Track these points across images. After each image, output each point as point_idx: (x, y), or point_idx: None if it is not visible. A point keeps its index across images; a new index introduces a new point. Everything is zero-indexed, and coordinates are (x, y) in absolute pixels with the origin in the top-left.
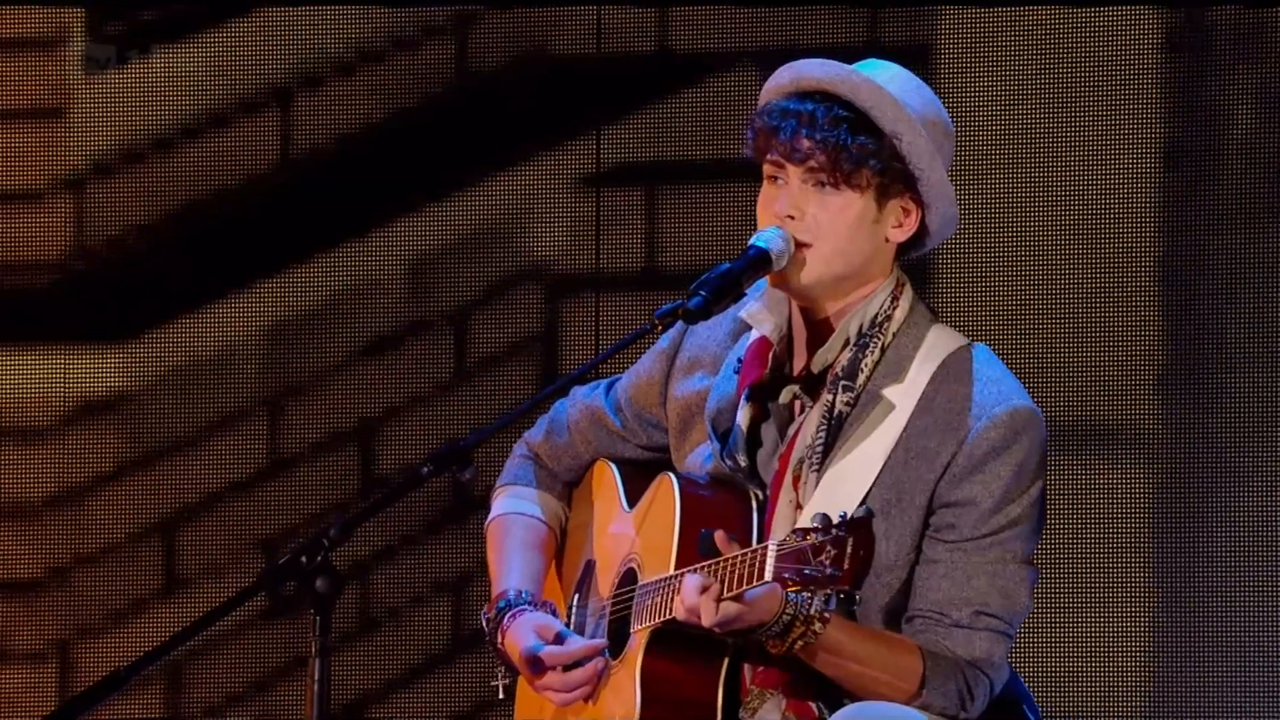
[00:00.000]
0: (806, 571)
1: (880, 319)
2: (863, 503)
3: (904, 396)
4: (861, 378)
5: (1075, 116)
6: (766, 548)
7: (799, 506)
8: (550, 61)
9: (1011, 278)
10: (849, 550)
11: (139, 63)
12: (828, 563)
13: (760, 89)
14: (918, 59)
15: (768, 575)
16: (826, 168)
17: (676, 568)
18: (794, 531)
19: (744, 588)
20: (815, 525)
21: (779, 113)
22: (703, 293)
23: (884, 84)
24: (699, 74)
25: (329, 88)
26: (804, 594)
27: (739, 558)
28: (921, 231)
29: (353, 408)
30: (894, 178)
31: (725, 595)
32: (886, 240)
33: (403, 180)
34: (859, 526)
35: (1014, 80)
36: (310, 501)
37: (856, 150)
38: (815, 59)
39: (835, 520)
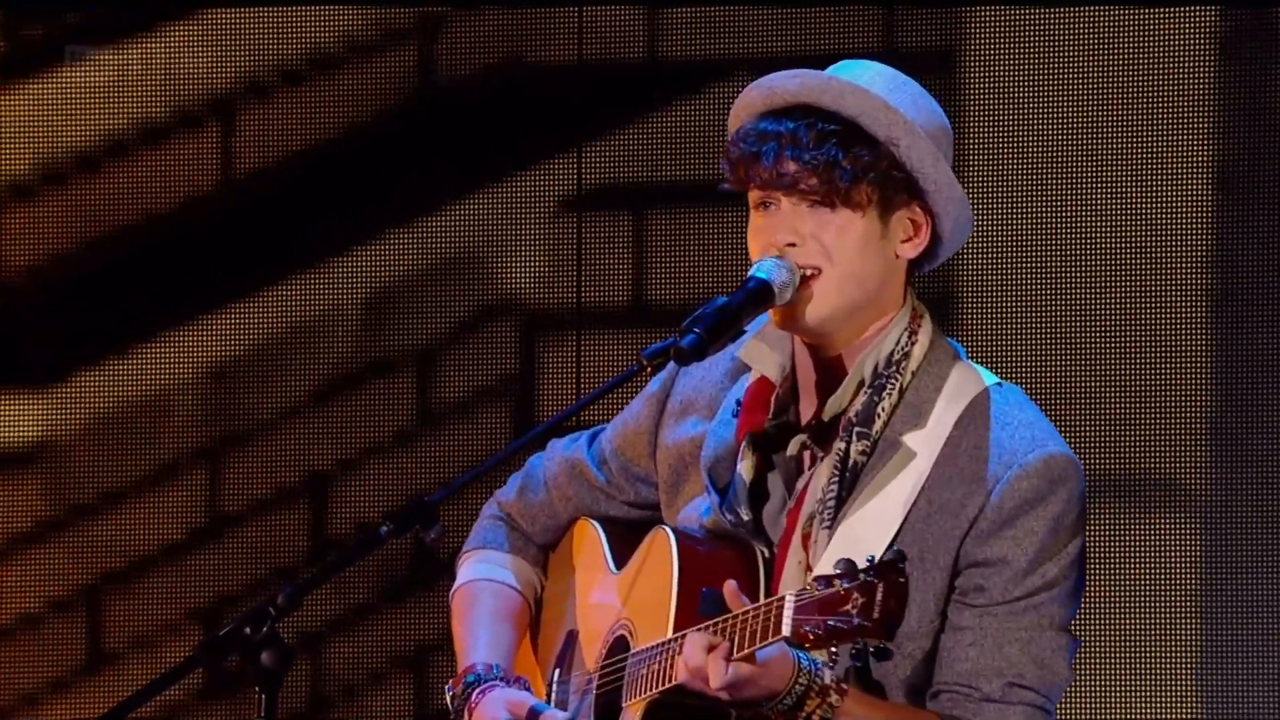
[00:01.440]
0: (831, 623)
1: (897, 357)
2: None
3: (926, 444)
4: (878, 424)
5: (1117, 130)
6: (784, 598)
7: (809, 568)
8: (526, 70)
9: (1045, 311)
10: (879, 597)
11: (60, 71)
12: (855, 612)
13: None
14: (939, 65)
15: (785, 629)
16: (820, 190)
17: (675, 631)
18: (815, 579)
19: (758, 645)
20: (838, 571)
21: (755, 136)
22: (697, 330)
23: (869, 86)
24: (693, 84)
25: (276, 99)
26: (819, 663)
27: (751, 612)
28: (933, 242)
29: (303, 459)
30: (896, 188)
31: (736, 655)
32: (897, 257)
33: (359, 203)
34: (889, 570)
35: (1047, 89)
36: (254, 565)
37: (851, 165)
38: (785, 71)
39: (862, 564)
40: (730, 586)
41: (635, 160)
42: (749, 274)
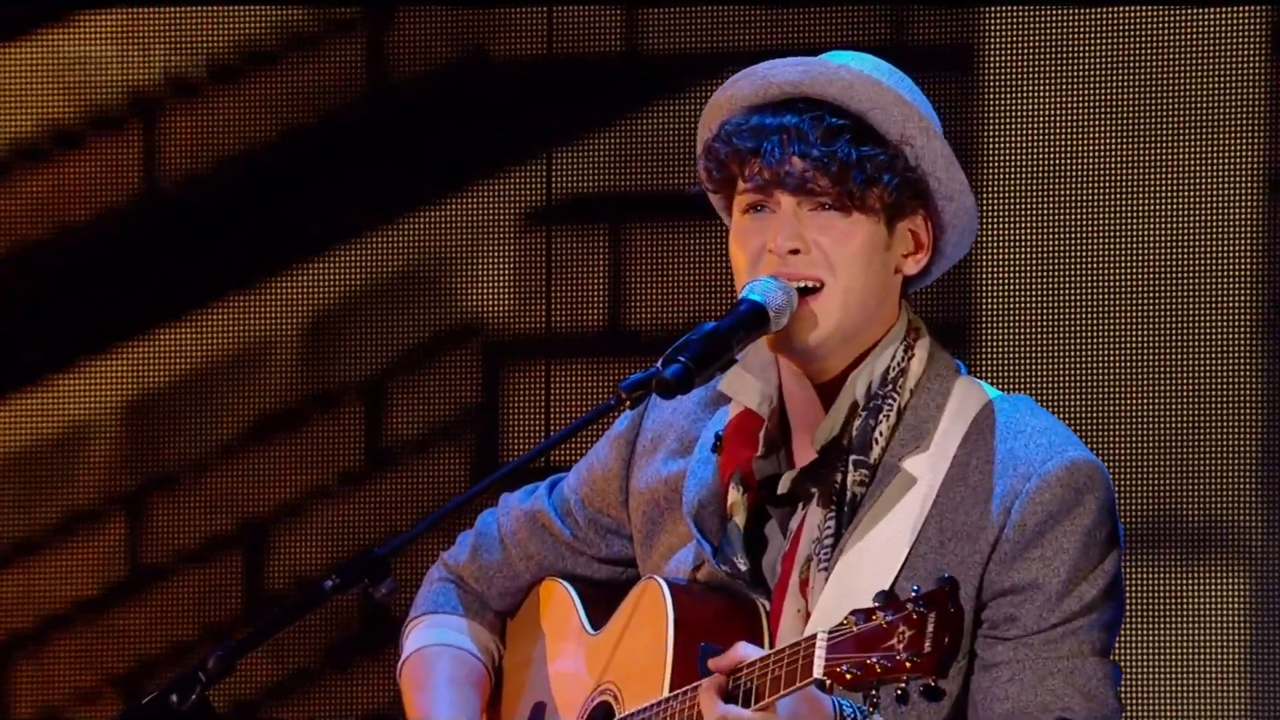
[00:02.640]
0: (873, 660)
1: (893, 374)
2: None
3: (930, 467)
4: (876, 449)
5: (1157, 135)
6: (814, 637)
7: (808, 615)
8: (489, 66)
9: (1073, 337)
10: (929, 629)
11: None
12: (901, 647)
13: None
14: (954, 63)
15: (817, 670)
16: (831, 191)
17: (672, 691)
18: (852, 614)
19: (786, 691)
20: (879, 604)
21: (752, 131)
22: (682, 359)
23: (879, 77)
24: (677, 81)
25: (206, 98)
26: (863, 709)
27: (774, 656)
28: (932, 257)
29: (237, 504)
30: (908, 194)
31: (757, 705)
32: (896, 272)
33: (300, 215)
34: (940, 599)
35: (1079, 91)
36: (182, 624)
37: (866, 165)
38: (779, 59)
39: (906, 595)
40: (740, 650)
41: (611, 167)
42: (740, 295)
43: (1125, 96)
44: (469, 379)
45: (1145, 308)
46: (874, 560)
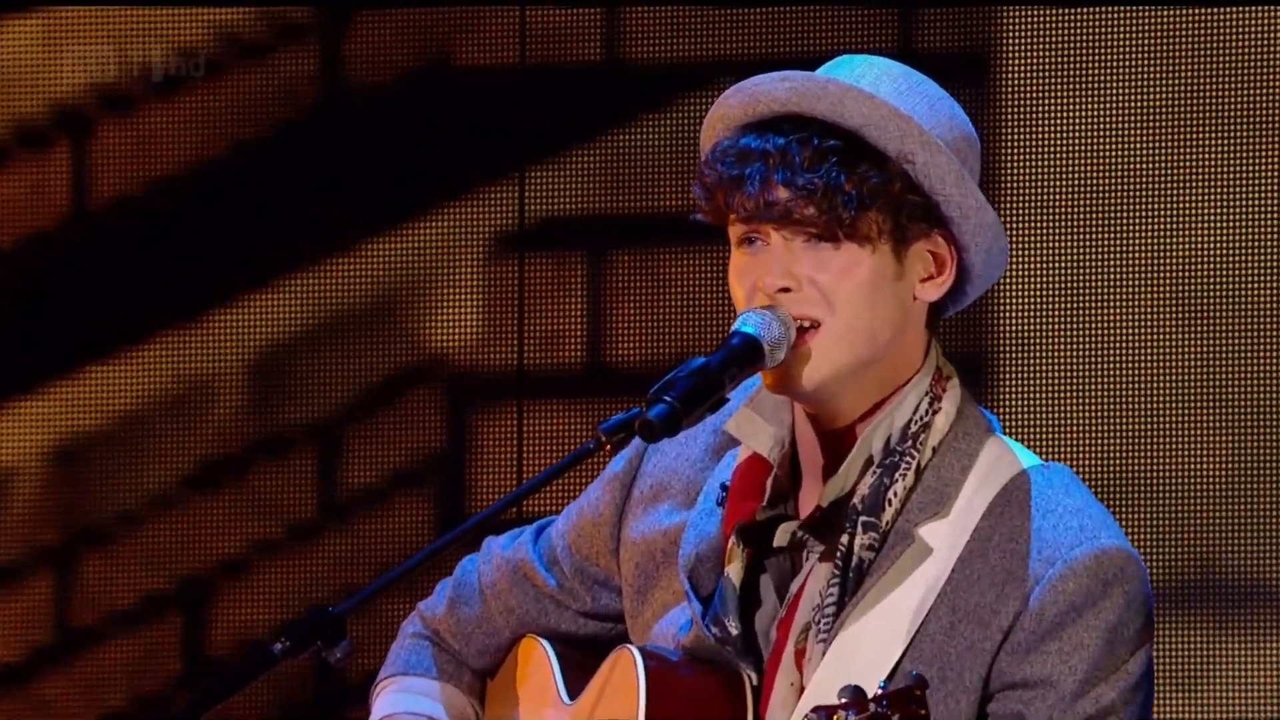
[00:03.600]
0: None
1: (915, 429)
2: (892, 675)
3: (948, 537)
4: (889, 511)
5: (1193, 147)
6: None
7: (801, 689)
8: (455, 75)
9: (1102, 376)
10: None
11: None
12: None
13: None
14: (968, 71)
15: None
16: (818, 221)
17: None
18: (813, 711)
19: None
20: (844, 700)
21: (736, 155)
22: (669, 398)
23: (873, 89)
24: (663, 92)
25: (142, 111)
26: None
27: None
28: (959, 278)
29: (175, 560)
30: (912, 215)
31: None
32: (915, 299)
33: (247, 240)
34: (905, 700)
35: (1106, 101)
36: (113, 694)
37: (855, 189)
38: (769, 74)
39: (872, 691)
40: None
41: (591, 187)
42: (733, 329)
43: (1158, 106)
44: (433, 421)
45: (1185, 342)
46: (877, 636)
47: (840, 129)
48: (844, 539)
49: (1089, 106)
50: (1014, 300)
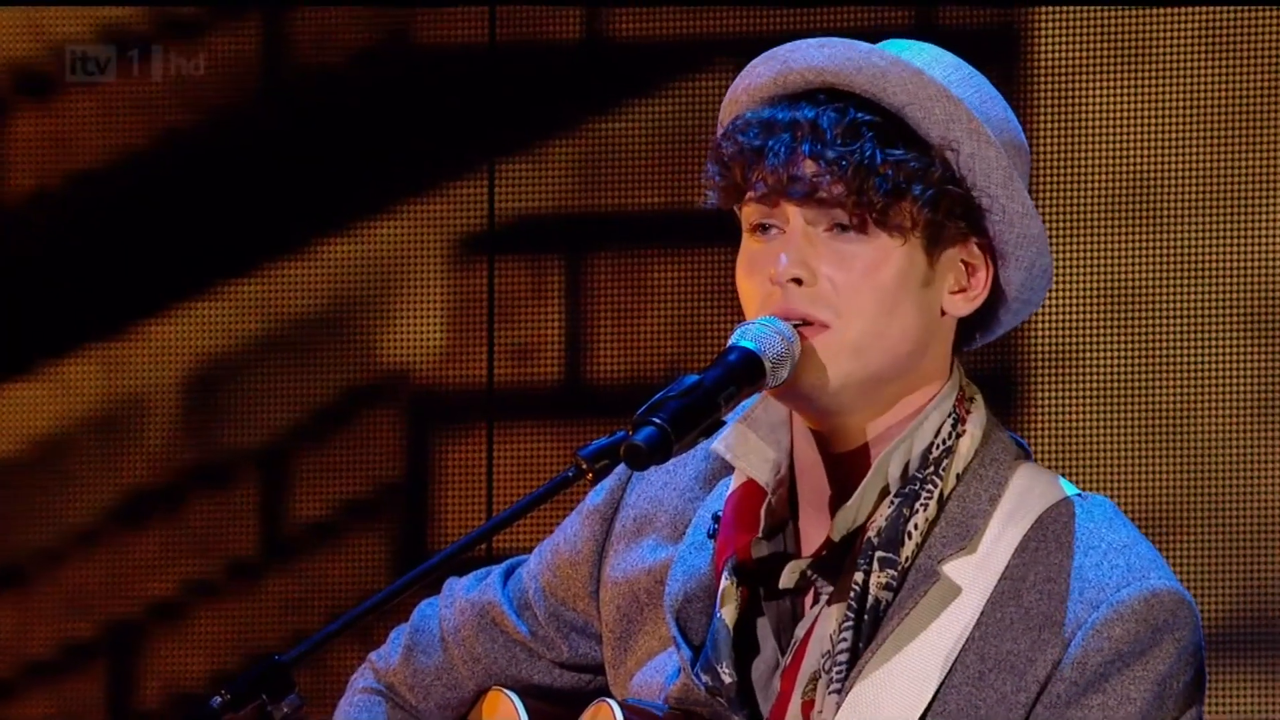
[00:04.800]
0: None
1: (937, 454)
2: None
3: (976, 576)
4: (909, 546)
5: (1258, 144)
6: None
7: None
8: (417, 57)
9: (1145, 397)
10: None
11: None
12: None
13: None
14: (996, 52)
15: None
16: (846, 202)
17: None
18: None
19: None
20: None
21: (761, 126)
22: (658, 420)
23: (922, 66)
24: (649, 77)
25: (59, 99)
26: None
27: None
28: (994, 298)
29: (99, 603)
30: (951, 212)
31: None
32: (943, 314)
33: (180, 243)
34: None
35: (1158, 88)
36: None
37: (892, 171)
38: (807, 39)
39: None
40: None
41: (569, 182)
42: (730, 342)
43: (1214, 97)
44: (392, 445)
45: (1242, 358)
46: (898, 687)
47: (880, 106)
48: (858, 577)
49: (1135, 94)
50: (1048, 311)
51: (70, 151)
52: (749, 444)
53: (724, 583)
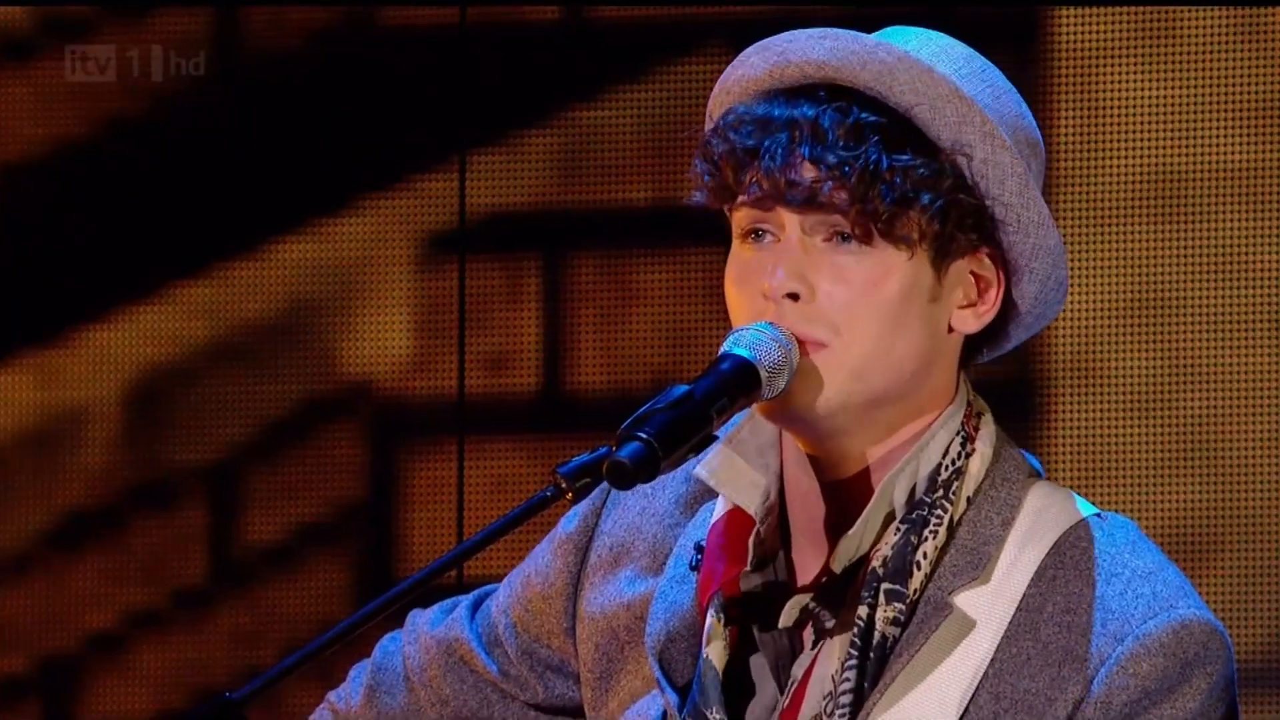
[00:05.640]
0: None
1: (945, 475)
2: None
3: (990, 607)
4: (918, 577)
5: None
6: None
7: None
8: (381, 37)
9: (1177, 409)
10: None
11: None
12: None
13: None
14: (1011, 35)
15: None
16: (849, 211)
17: None
18: None
19: None
20: None
21: (755, 123)
22: (644, 435)
23: (931, 63)
24: (635, 58)
25: None
26: None
27: None
28: (1005, 312)
29: (32, 635)
30: (961, 223)
31: None
32: (950, 330)
33: (122, 241)
34: None
35: (1189, 76)
36: None
37: (900, 178)
38: (806, 29)
39: None
40: None
41: (547, 174)
42: (721, 350)
43: (1251, 87)
44: (353, 463)
45: (1274, 368)
46: None
47: (886, 105)
48: (862, 611)
49: (1163, 83)
50: (1068, 318)
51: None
52: (735, 469)
53: (710, 620)
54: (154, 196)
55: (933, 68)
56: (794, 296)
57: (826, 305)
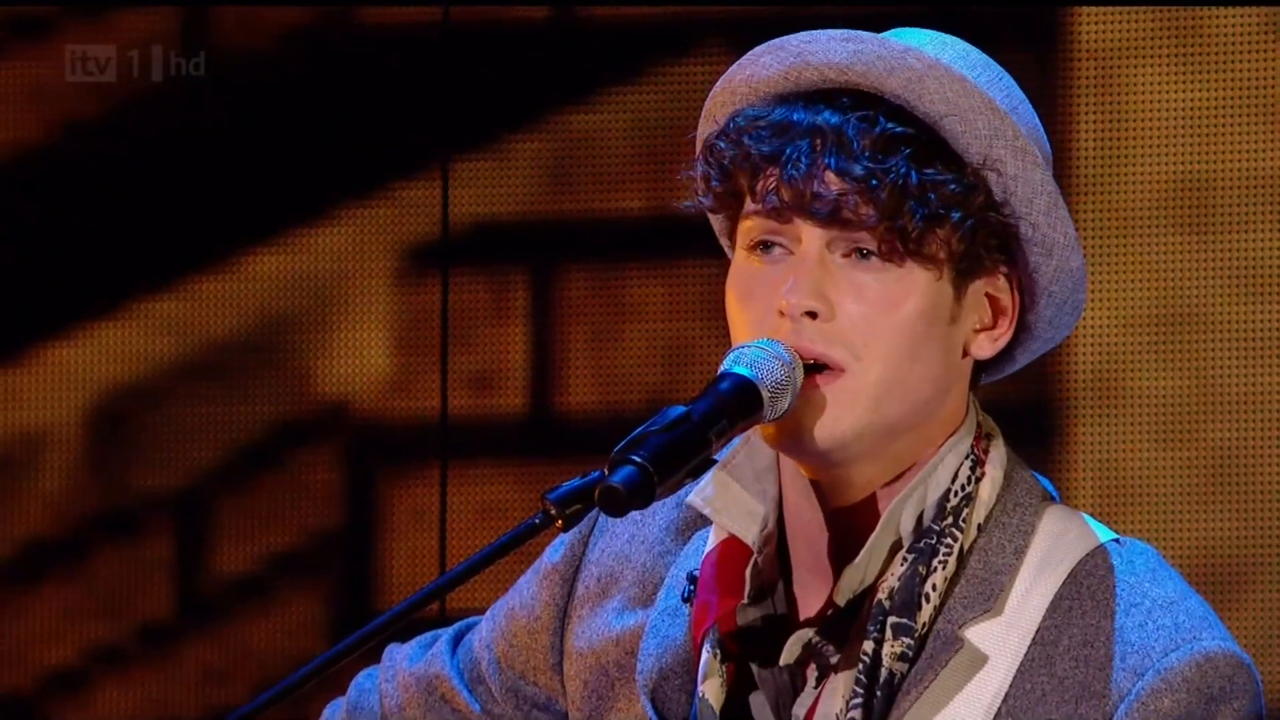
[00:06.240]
0: None
1: (955, 501)
2: None
3: (1003, 640)
4: (927, 609)
5: None
6: None
7: None
8: (359, 36)
9: (1204, 430)
10: None
11: None
12: None
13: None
14: (1030, 34)
15: None
16: (876, 227)
17: None
18: None
19: None
20: None
21: (772, 129)
22: (638, 458)
23: (965, 72)
24: (629, 58)
25: None
26: None
27: None
28: (1015, 334)
29: None
30: (985, 243)
31: None
32: (965, 355)
33: (84, 253)
34: None
35: (1220, 72)
36: None
37: (931, 193)
38: (823, 31)
39: None
40: None
41: (535, 182)
42: (721, 368)
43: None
44: (329, 489)
45: None
46: None
47: (910, 115)
48: (867, 646)
49: (1190, 83)
50: (1089, 334)
51: None
52: (730, 495)
53: (705, 656)
54: (117, 206)
55: (965, 76)
56: (812, 315)
57: (846, 325)
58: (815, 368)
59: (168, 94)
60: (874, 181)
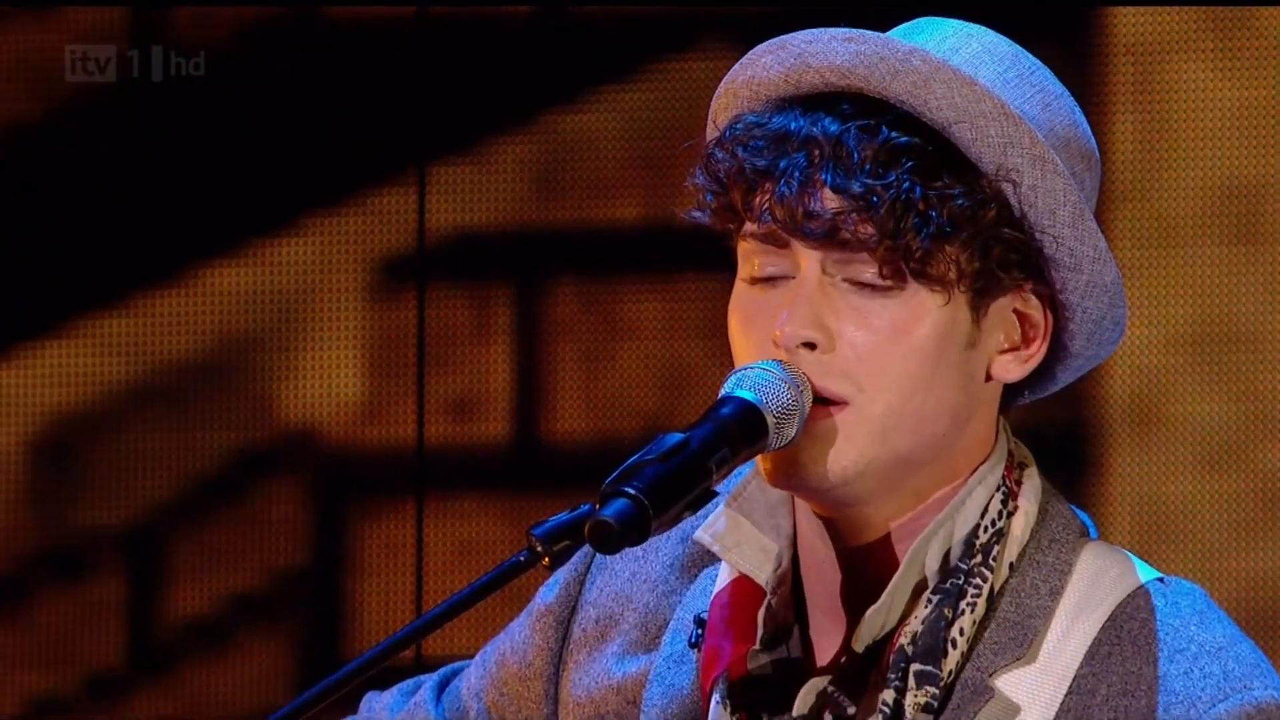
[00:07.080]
0: None
1: (984, 538)
2: None
3: (1037, 689)
4: (954, 656)
5: None
6: None
7: None
8: (329, 31)
9: (1251, 457)
10: None
11: None
12: None
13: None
14: (1060, 27)
15: None
16: (876, 248)
17: None
18: None
19: None
20: None
21: (768, 140)
22: (633, 490)
23: (971, 70)
24: (620, 56)
25: None
26: None
27: None
28: (1052, 353)
29: None
30: (1006, 259)
31: None
32: (989, 379)
33: (29, 267)
34: None
35: (1258, 87)
36: None
37: (935, 210)
38: (824, 29)
39: None
40: None
41: (520, 191)
42: (722, 392)
43: None
44: (295, 524)
45: None
46: None
47: (917, 122)
48: (887, 695)
49: (1235, 81)
50: (1128, 354)
51: None
52: (742, 533)
53: (714, 707)
54: (61, 217)
55: (974, 79)
56: (810, 346)
57: (848, 355)
58: (823, 399)
59: (117, 96)
60: (873, 197)
